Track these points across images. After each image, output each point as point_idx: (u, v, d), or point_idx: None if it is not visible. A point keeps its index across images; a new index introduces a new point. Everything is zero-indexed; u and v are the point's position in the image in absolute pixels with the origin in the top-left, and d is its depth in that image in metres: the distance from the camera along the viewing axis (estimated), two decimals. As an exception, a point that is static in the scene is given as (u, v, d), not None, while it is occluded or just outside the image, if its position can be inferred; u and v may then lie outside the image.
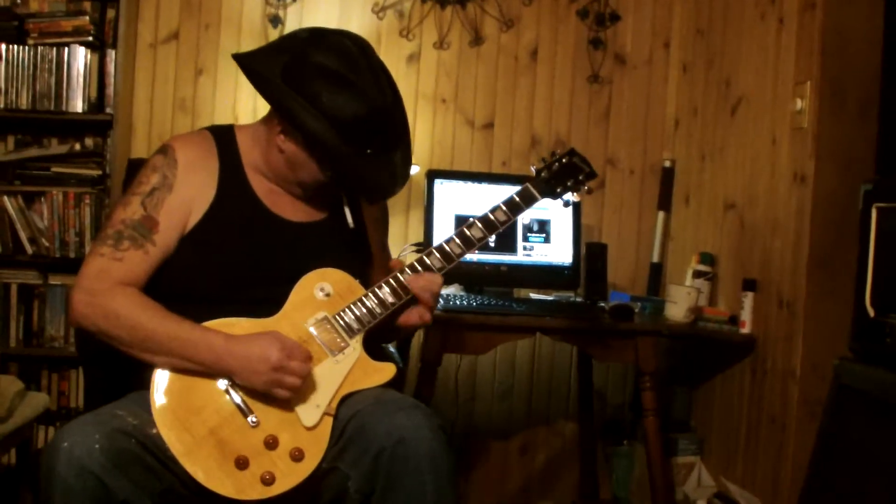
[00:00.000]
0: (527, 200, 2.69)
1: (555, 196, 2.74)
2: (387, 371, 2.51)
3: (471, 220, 2.64)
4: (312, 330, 2.47)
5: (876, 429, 3.09)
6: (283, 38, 2.65)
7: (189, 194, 2.51)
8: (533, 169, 2.76)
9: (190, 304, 2.42)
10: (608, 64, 4.78)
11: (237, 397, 2.35)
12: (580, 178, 2.75)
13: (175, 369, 2.35)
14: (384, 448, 2.26)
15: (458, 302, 3.73)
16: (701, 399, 4.50)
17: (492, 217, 2.65)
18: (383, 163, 2.56)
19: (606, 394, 4.80)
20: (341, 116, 2.42)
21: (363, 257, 2.74)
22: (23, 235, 4.23)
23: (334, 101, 2.42)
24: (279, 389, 2.32)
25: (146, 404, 2.31)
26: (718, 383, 4.32)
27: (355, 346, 2.49)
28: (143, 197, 2.47)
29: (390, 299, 2.53)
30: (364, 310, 2.51)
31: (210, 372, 2.35)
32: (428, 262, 2.59)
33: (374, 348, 2.57)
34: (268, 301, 2.46)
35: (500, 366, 4.75)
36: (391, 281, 2.55)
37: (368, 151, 2.50)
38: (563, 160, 2.73)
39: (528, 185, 2.70)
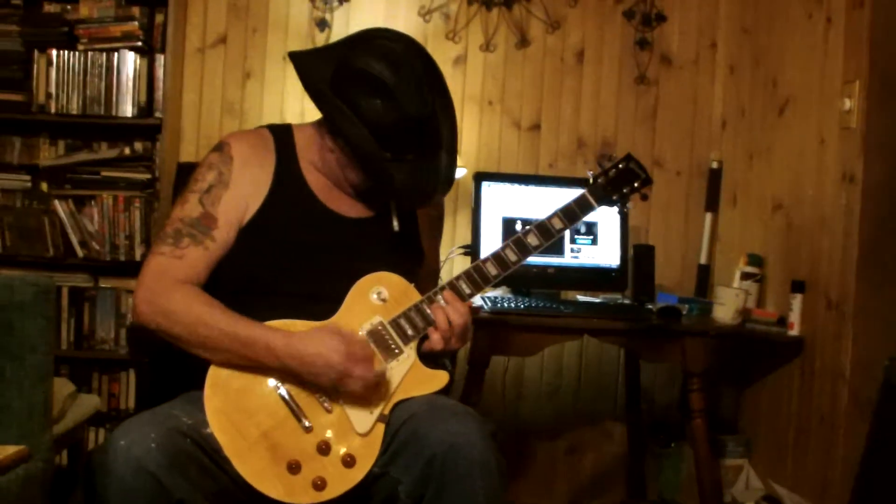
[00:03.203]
0: (584, 208, 2.67)
1: (612, 203, 2.73)
2: (440, 378, 2.49)
3: (527, 227, 2.62)
4: (367, 335, 2.45)
5: (927, 430, 3.07)
6: (341, 40, 2.65)
7: (245, 189, 2.51)
8: (590, 174, 2.74)
9: (244, 296, 2.43)
10: (654, 64, 4.77)
11: (291, 402, 2.35)
12: (636, 184, 2.73)
13: (235, 366, 2.35)
14: (436, 454, 2.24)
15: (505, 304, 3.73)
16: (749, 400, 4.48)
17: (548, 224, 2.63)
18: (425, 168, 2.55)
19: (654, 395, 4.79)
20: (380, 123, 2.44)
21: (414, 257, 2.72)
22: (73, 239, 4.30)
23: (372, 108, 2.43)
24: (345, 385, 2.34)
25: (200, 404, 2.32)
26: (767, 384, 4.29)
27: (409, 352, 2.47)
28: (201, 194, 2.48)
29: None
30: (420, 316, 2.49)
31: (271, 371, 2.35)
32: (484, 269, 2.57)
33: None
34: (321, 294, 2.46)
35: (548, 367, 4.75)
36: (448, 288, 2.53)
37: (410, 157, 2.51)
38: (620, 165, 2.72)
39: (586, 192, 2.68)
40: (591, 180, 2.72)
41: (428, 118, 2.53)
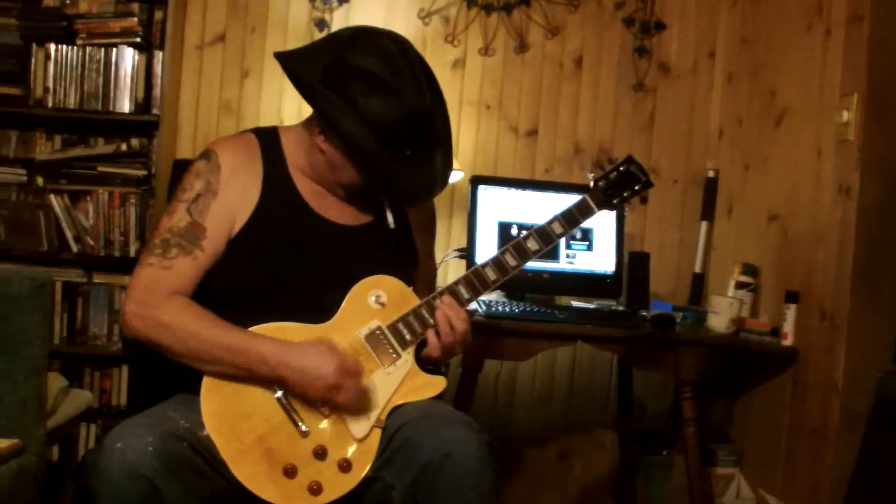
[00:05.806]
0: (584, 213, 2.65)
1: (612, 207, 2.72)
2: (437, 384, 2.49)
3: (526, 231, 2.61)
4: (365, 340, 2.44)
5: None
6: (325, 38, 2.62)
7: (234, 199, 2.48)
8: (590, 177, 2.72)
9: (237, 308, 2.40)
10: (653, 72, 4.78)
11: (288, 405, 2.34)
12: (636, 187, 2.72)
13: (228, 377, 2.34)
14: (430, 462, 2.23)
15: (499, 308, 3.73)
16: (741, 410, 4.48)
17: (548, 229, 2.61)
18: (422, 165, 2.53)
19: (646, 403, 4.79)
20: (378, 120, 2.40)
21: (409, 261, 2.70)
22: (68, 234, 4.27)
23: (372, 105, 2.40)
24: (333, 399, 2.33)
25: (196, 406, 2.30)
26: (759, 394, 4.30)
27: (407, 357, 2.46)
28: (189, 204, 2.44)
29: None
30: (418, 321, 2.48)
31: (263, 380, 2.34)
32: (483, 274, 2.56)
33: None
34: (316, 304, 2.44)
35: (540, 373, 4.75)
36: (447, 293, 2.52)
37: (407, 153, 2.48)
38: (621, 168, 2.70)
39: (587, 197, 2.66)
40: (591, 184, 2.70)
41: (426, 115, 2.51)
